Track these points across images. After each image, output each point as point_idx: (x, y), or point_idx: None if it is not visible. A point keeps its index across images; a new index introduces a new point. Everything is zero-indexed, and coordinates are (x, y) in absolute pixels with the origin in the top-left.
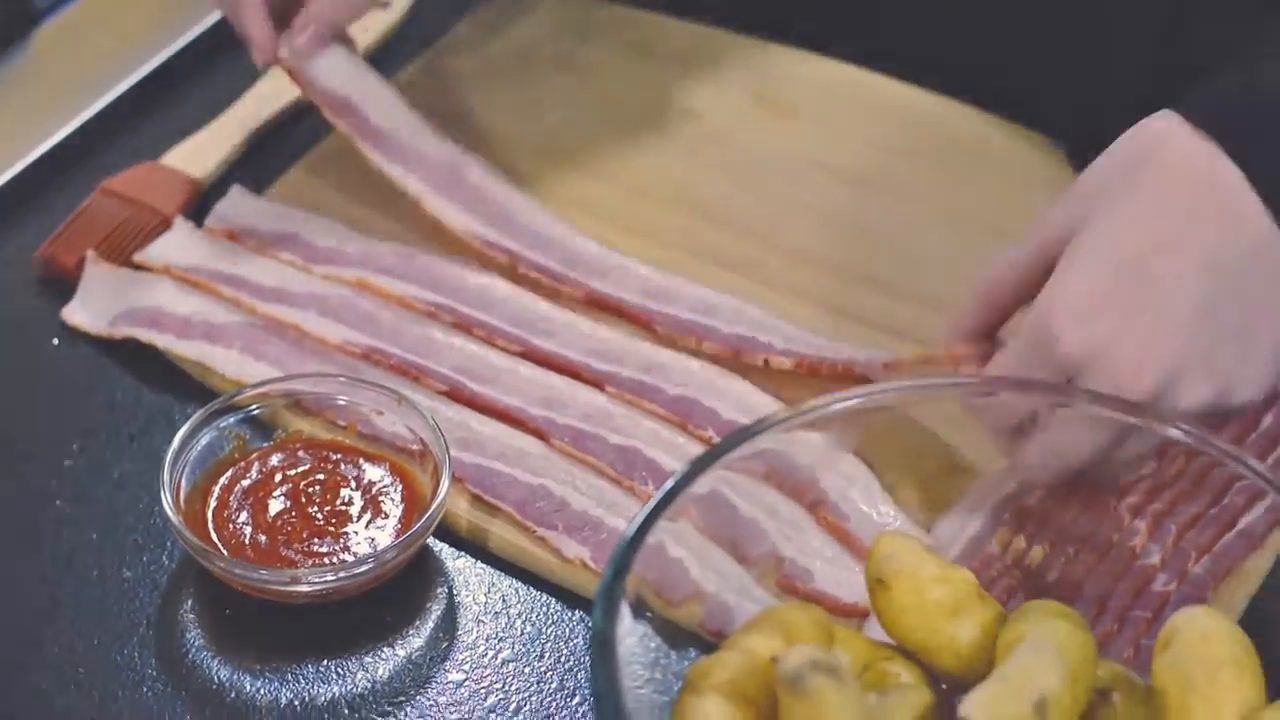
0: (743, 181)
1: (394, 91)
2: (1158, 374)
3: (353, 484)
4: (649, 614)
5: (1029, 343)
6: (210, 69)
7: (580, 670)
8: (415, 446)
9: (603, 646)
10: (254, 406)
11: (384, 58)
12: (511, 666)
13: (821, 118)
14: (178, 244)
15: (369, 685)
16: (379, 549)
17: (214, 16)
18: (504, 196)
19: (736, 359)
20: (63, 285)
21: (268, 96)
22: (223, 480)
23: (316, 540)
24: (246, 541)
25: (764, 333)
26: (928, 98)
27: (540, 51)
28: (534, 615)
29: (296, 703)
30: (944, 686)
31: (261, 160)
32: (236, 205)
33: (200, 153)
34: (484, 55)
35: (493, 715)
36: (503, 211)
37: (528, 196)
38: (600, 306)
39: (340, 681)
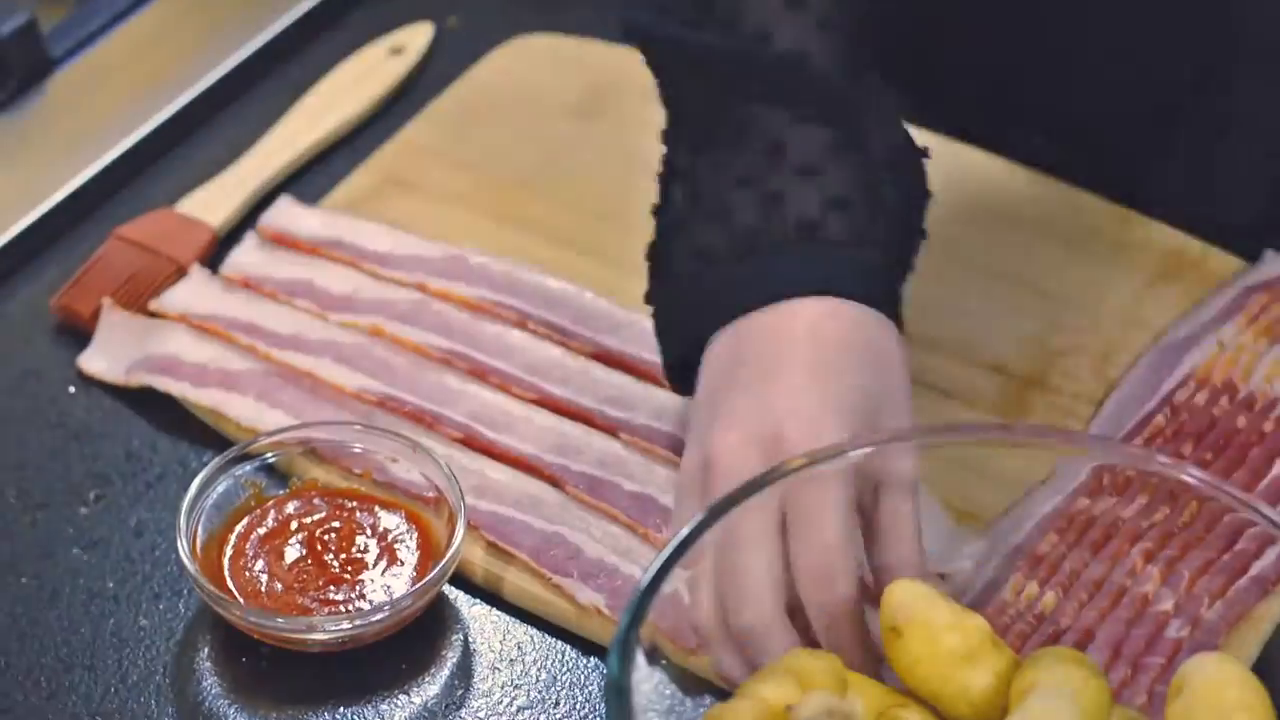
0: None
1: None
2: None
3: (368, 531)
4: (664, 661)
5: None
6: (226, 116)
7: (596, 717)
8: (430, 494)
9: (618, 695)
10: (270, 454)
11: (397, 104)
12: (527, 714)
13: None
14: (193, 291)
15: None
16: (395, 597)
17: (229, 64)
18: (506, 267)
19: None
20: (79, 333)
21: (283, 144)
22: (239, 528)
23: (332, 588)
24: (263, 589)
25: None
26: (964, 150)
27: (556, 97)
28: (549, 663)
29: None
30: None
31: None
32: (255, 250)
33: (215, 200)
34: (498, 100)
35: None
36: (509, 280)
37: (530, 267)
38: (609, 362)
39: None
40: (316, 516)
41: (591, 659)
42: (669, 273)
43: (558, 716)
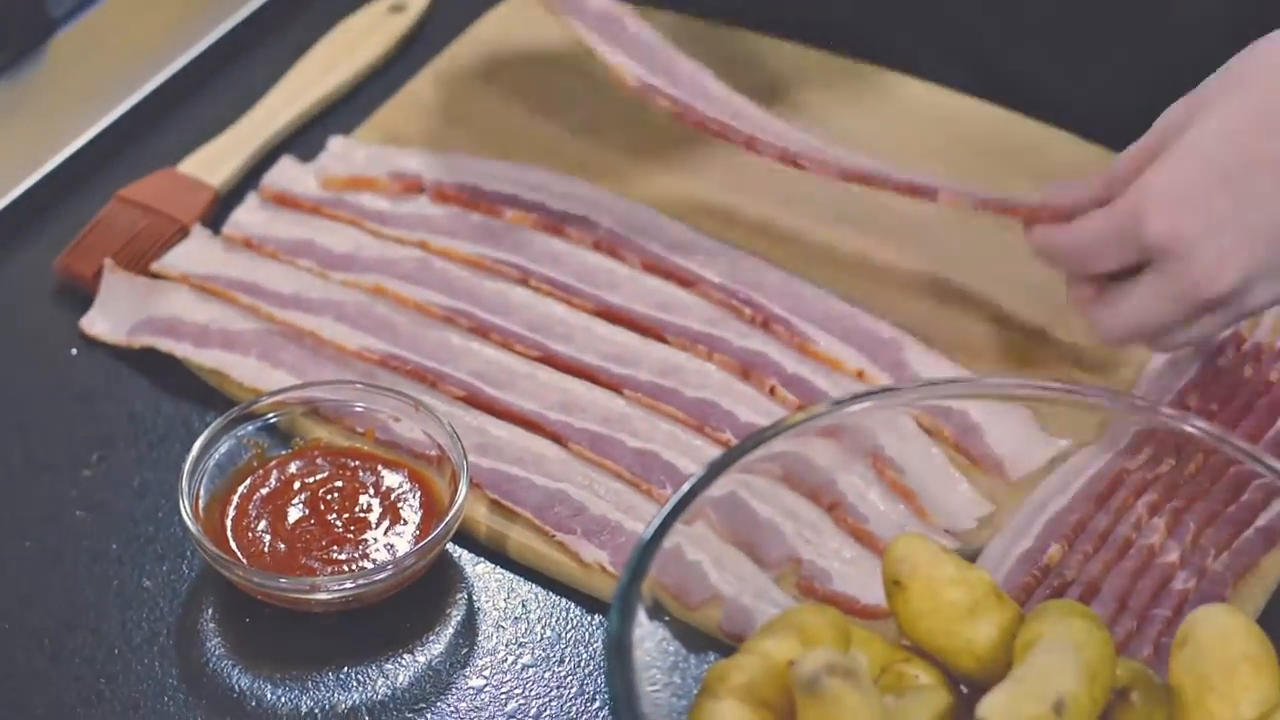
0: (767, 183)
1: None
2: (1234, 279)
3: (371, 491)
4: (667, 617)
5: (1116, 215)
6: (226, 76)
7: (600, 675)
8: (433, 452)
9: (619, 651)
10: (272, 414)
11: (398, 61)
12: (531, 672)
13: (850, 122)
14: (195, 252)
15: (389, 692)
16: (398, 556)
17: (230, 23)
18: (512, 234)
19: (745, 376)
20: (81, 295)
21: (284, 103)
22: (241, 489)
23: (335, 548)
24: (265, 550)
25: (776, 353)
26: (978, 105)
27: (556, 54)
28: (554, 620)
29: (317, 711)
30: (962, 688)
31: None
32: (256, 210)
33: (217, 160)
34: (499, 58)
35: None
36: (513, 239)
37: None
38: (612, 319)
39: (360, 689)
40: (319, 476)
41: (596, 616)
42: None
43: (562, 674)
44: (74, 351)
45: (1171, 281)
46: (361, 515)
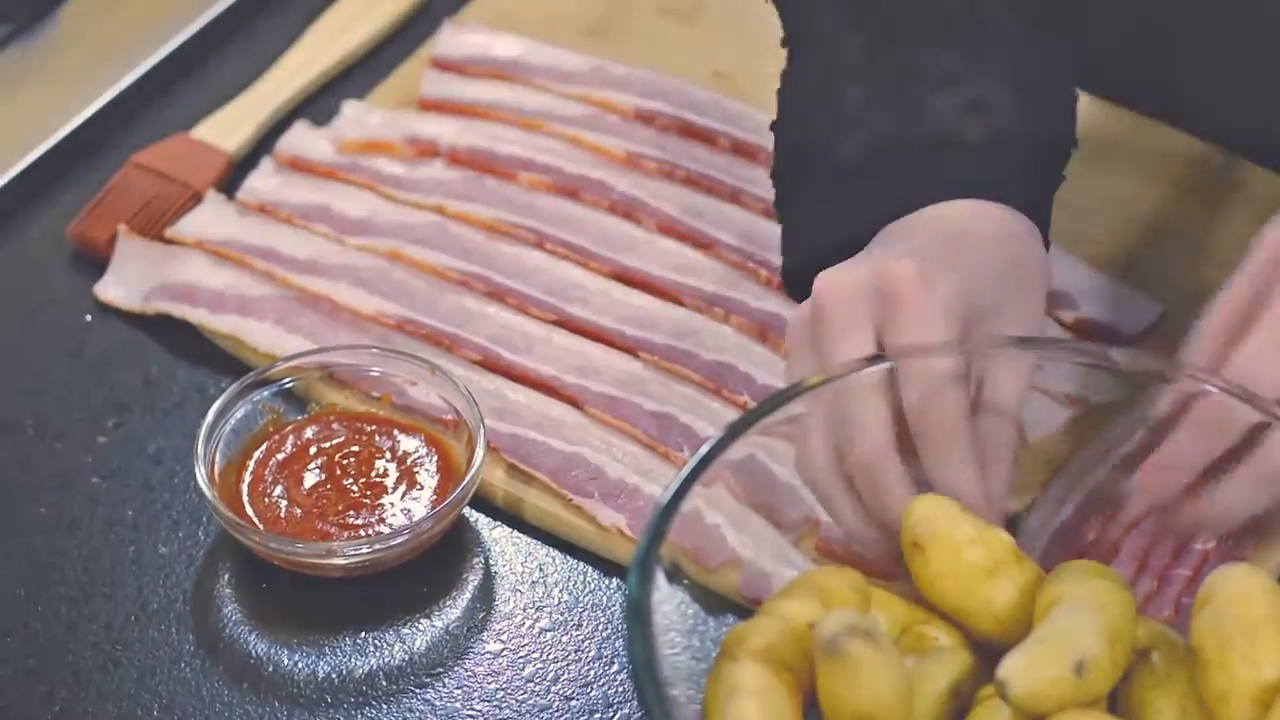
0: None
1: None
2: None
3: (387, 455)
4: (685, 581)
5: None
6: (240, 41)
7: (618, 638)
8: (449, 417)
9: (638, 614)
10: (288, 379)
11: (413, 25)
12: (549, 636)
13: None
14: (210, 218)
15: (406, 657)
16: (415, 520)
17: None
18: (527, 198)
19: (763, 338)
20: (95, 261)
21: (298, 68)
22: (257, 454)
23: (352, 513)
24: (282, 515)
25: (792, 314)
26: None
27: (572, 15)
28: (571, 584)
29: (334, 675)
30: (983, 649)
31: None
32: (271, 175)
33: (231, 125)
34: (515, 18)
35: (531, 685)
36: (529, 203)
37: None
38: (628, 281)
39: (377, 654)
40: (335, 441)
41: (613, 580)
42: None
43: (580, 638)
44: (89, 318)
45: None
46: (378, 480)
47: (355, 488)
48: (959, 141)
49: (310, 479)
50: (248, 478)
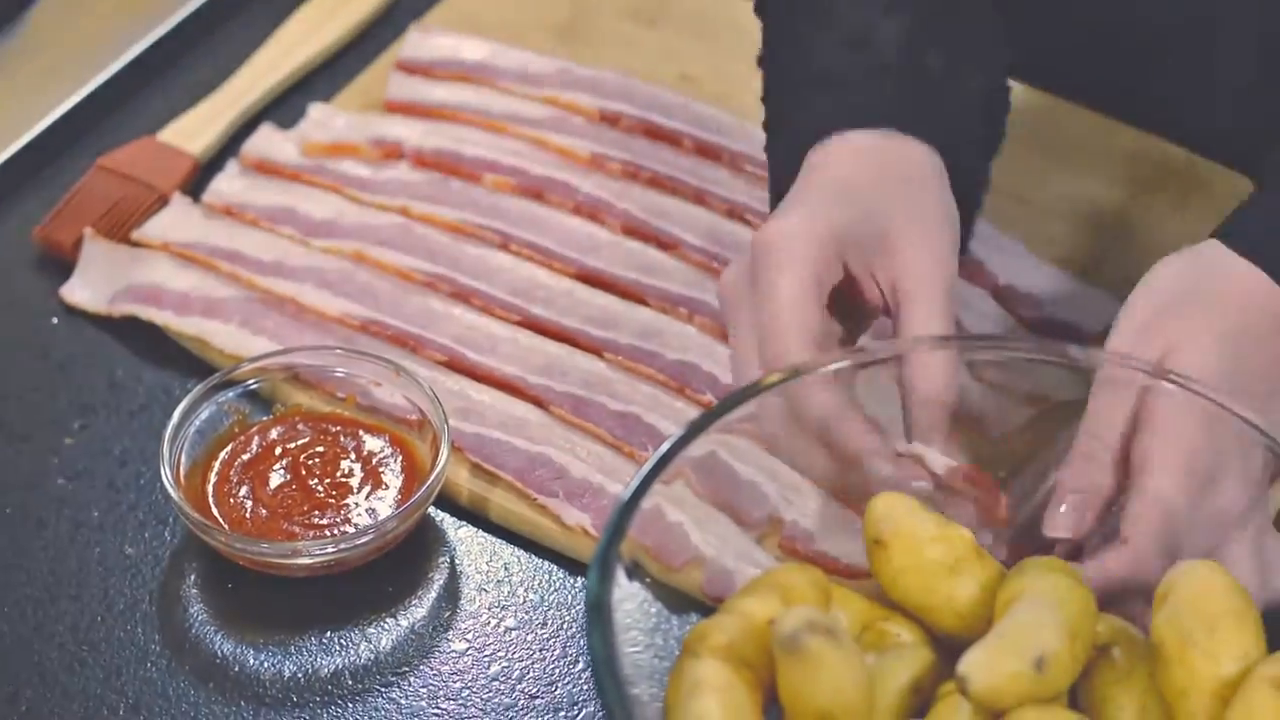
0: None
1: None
2: None
3: (352, 456)
4: (647, 579)
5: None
6: (206, 44)
7: (583, 637)
8: (414, 417)
9: (598, 612)
10: (253, 381)
11: (378, 28)
12: (514, 634)
13: None
14: (175, 220)
15: (372, 656)
16: (379, 520)
17: None
18: (492, 199)
19: (726, 337)
20: (61, 264)
21: (264, 70)
22: (223, 455)
23: (317, 513)
24: (247, 516)
25: None
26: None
27: (537, 19)
28: (536, 583)
29: (300, 675)
30: (944, 645)
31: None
32: (237, 178)
33: (197, 128)
34: (476, 24)
35: (496, 683)
36: (493, 205)
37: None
38: (592, 282)
39: (343, 653)
40: (300, 441)
41: (578, 579)
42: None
43: (545, 636)
44: (55, 320)
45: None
46: (343, 480)
47: (320, 488)
48: (841, 77)
49: (275, 479)
50: (213, 478)
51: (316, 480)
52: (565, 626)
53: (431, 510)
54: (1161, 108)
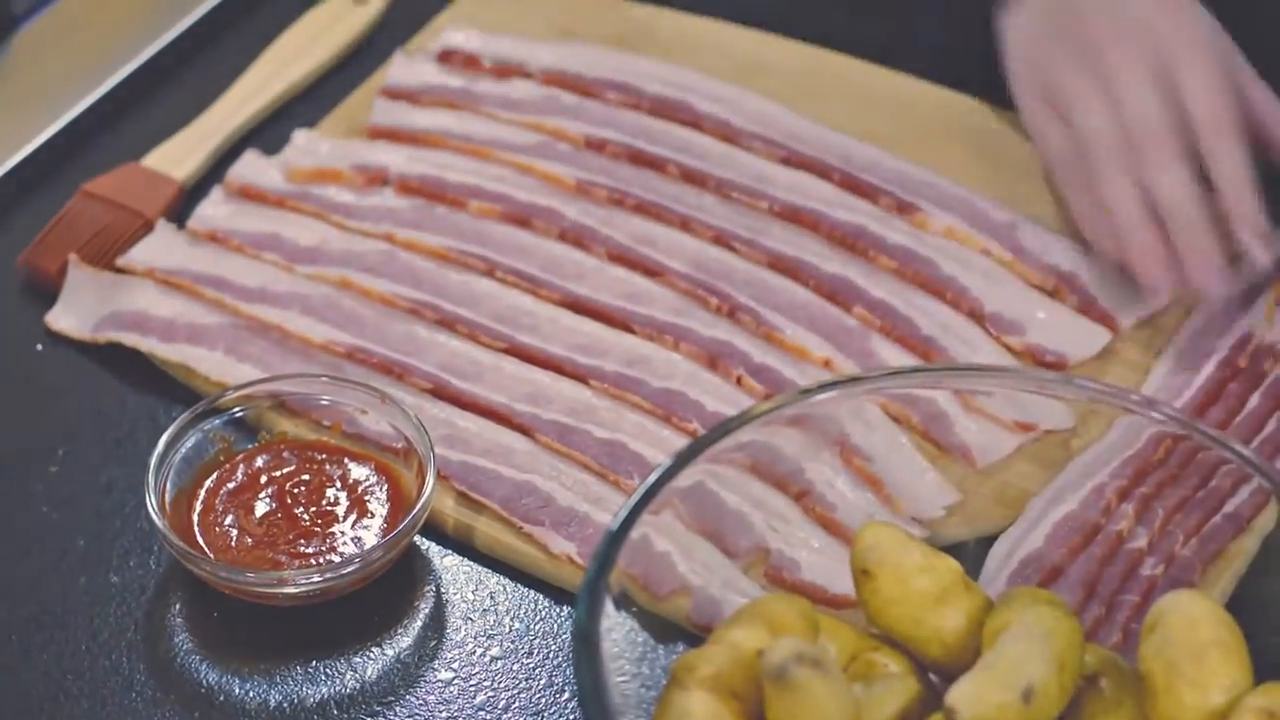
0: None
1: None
2: None
3: (338, 484)
4: (635, 608)
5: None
6: (189, 70)
7: (570, 666)
8: (400, 445)
9: (586, 642)
10: (238, 408)
11: (362, 54)
12: (500, 664)
13: (807, 102)
14: (160, 246)
15: (358, 685)
16: (365, 549)
17: (193, 17)
18: (477, 226)
19: (713, 365)
20: (46, 291)
21: (248, 96)
22: (208, 483)
23: (303, 541)
24: (233, 544)
25: (743, 342)
26: (914, 84)
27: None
28: (522, 612)
29: (285, 704)
30: (931, 676)
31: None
32: (221, 204)
33: (181, 154)
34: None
35: (482, 713)
36: (478, 231)
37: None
38: (578, 309)
39: (329, 682)
40: (286, 470)
41: (564, 608)
42: None
43: (531, 665)
44: (39, 347)
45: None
46: (328, 508)
47: (306, 516)
48: None
49: (261, 508)
50: (199, 507)
51: (302, 509)
52: (552, 655)
53: (417, 539)
54: None
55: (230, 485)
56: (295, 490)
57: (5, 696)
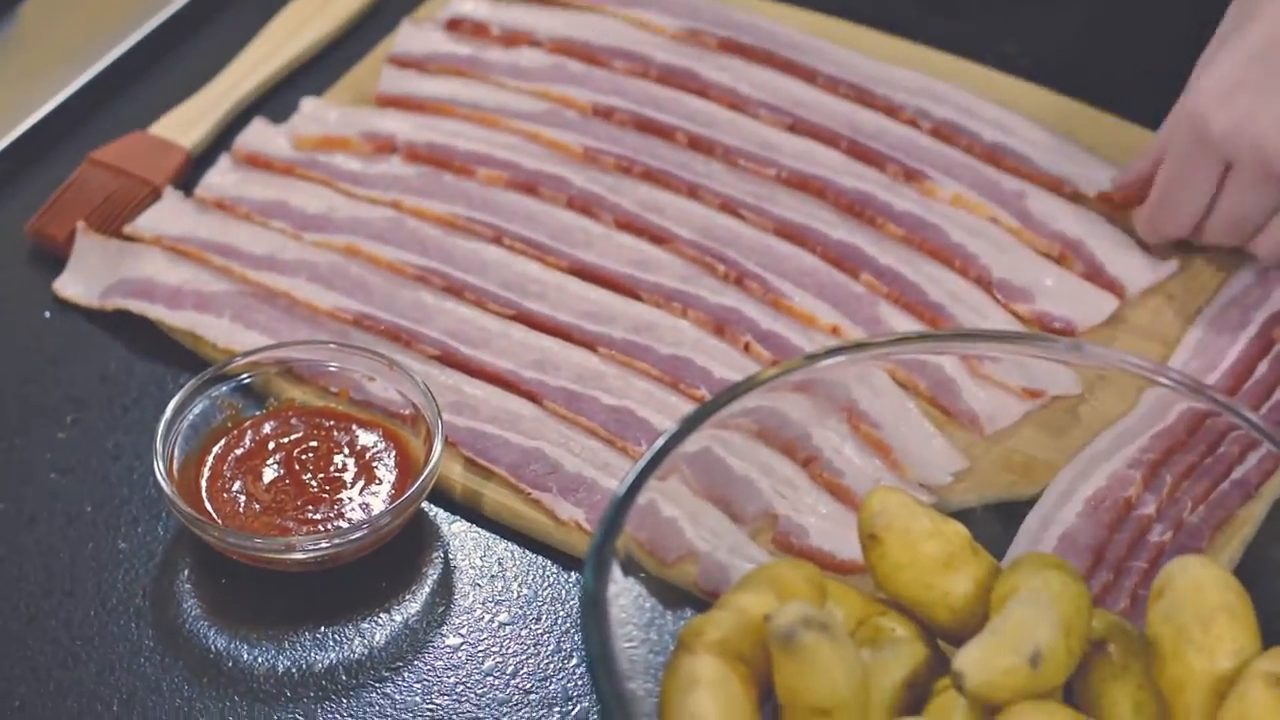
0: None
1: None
2: None
3: (346, 450)
4: (642, 574)
5: (1184, 138)
6: (197, 37)
7: (578, 632)
8: (407, 411)
9: (593, 607)
10: (246, 375)
11: (370, 21)
12: (508, 630)
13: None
14: (168, 214)
15: (366, 651)
16: (373, 515)
17: None
18: (485, 193)
19: (720, 332)
20: (54, 258)
21: (255, 64)
22: (216, 449)
23: (311, 507)
24: (241, 510)
25: (750, 309)
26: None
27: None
28: (530, 578)
29: (294, 670)
30: (939, 641)
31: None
32: (229, 172)
33: (188, 122)
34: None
35: (490, 678)
36: (486, 199)
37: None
38: (586, 276)
39: (337, 648)
40: (294, 436)
41: (572, 573)
42: None
43: (539, 631)
44: (47, 314)
45: (1252, 166)
46: (336, 475)
47: (314, 483)
48: None
49: (269, 474)
50: (206, 473)
51: (310, 475)
52: (559, 621)
53: (425, 505)
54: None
55: (238, 451)
56: (303, 456)
57: (14, 663)
